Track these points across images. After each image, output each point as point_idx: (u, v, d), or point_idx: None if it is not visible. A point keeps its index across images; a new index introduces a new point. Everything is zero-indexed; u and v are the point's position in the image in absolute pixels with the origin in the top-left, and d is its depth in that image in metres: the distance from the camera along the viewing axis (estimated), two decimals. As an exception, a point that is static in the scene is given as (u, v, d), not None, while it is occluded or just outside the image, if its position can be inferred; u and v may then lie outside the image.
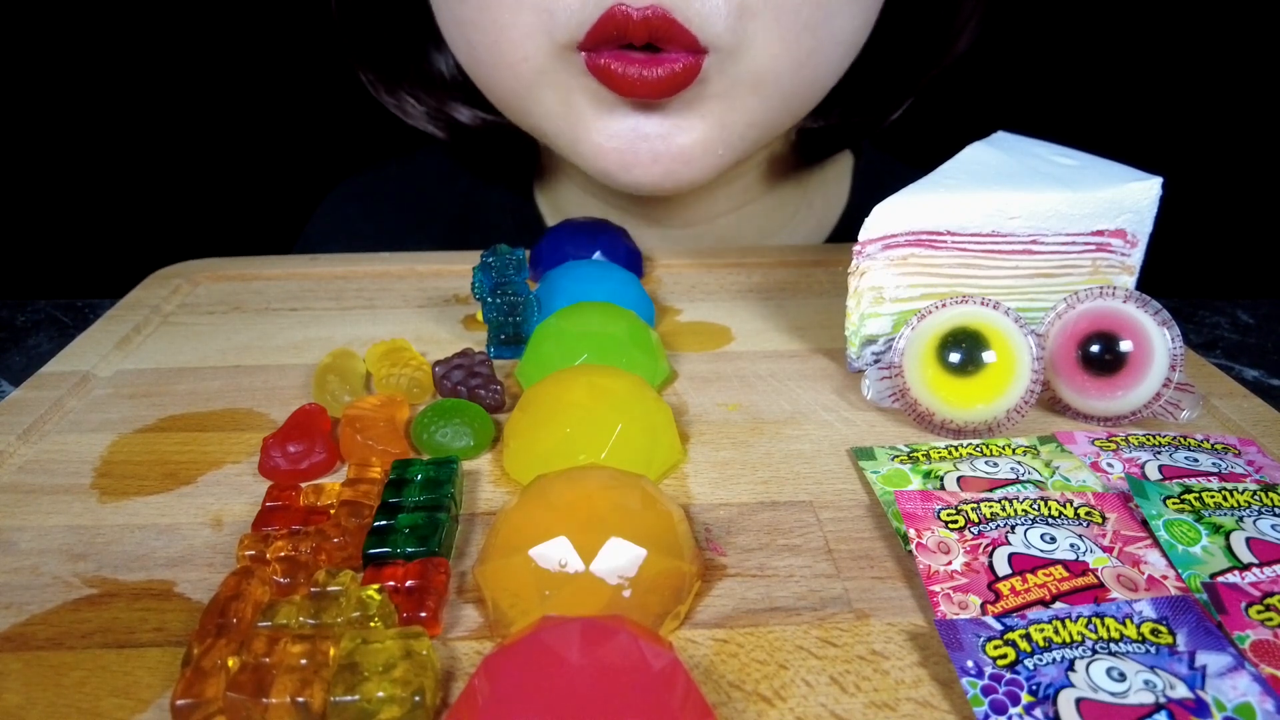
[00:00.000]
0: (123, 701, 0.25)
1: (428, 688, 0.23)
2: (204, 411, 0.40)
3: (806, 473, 0.35)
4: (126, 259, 0.59)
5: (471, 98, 0.58)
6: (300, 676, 0.24)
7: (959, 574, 0.28)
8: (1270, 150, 0.91)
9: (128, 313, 0.49)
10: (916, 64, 0.57)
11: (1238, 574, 0.28)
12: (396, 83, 0.58)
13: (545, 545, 0.26)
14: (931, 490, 0.32)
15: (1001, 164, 0.42)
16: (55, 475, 0.35)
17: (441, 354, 0.42)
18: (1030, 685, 0.24)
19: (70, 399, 0.41)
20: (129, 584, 0.29)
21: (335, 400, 0.39)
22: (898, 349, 0.38)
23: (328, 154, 0.85)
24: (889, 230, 0.39)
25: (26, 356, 0.56)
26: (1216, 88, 0.91)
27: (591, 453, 0.33)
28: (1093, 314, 0.38)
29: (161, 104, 0.95)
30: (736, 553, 0.30)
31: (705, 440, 0.37)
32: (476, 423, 0.36)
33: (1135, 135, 0.71)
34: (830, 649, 0.26)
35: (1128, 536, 0.30)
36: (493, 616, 0.27)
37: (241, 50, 0.92)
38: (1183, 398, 0.38)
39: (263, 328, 0.48)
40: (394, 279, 0.54)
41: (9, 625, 0.28)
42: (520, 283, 0.44)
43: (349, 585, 0.27)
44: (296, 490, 0.32)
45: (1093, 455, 0.35)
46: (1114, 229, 0.41)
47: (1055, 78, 0.90)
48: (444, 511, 0.31)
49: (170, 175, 0.97)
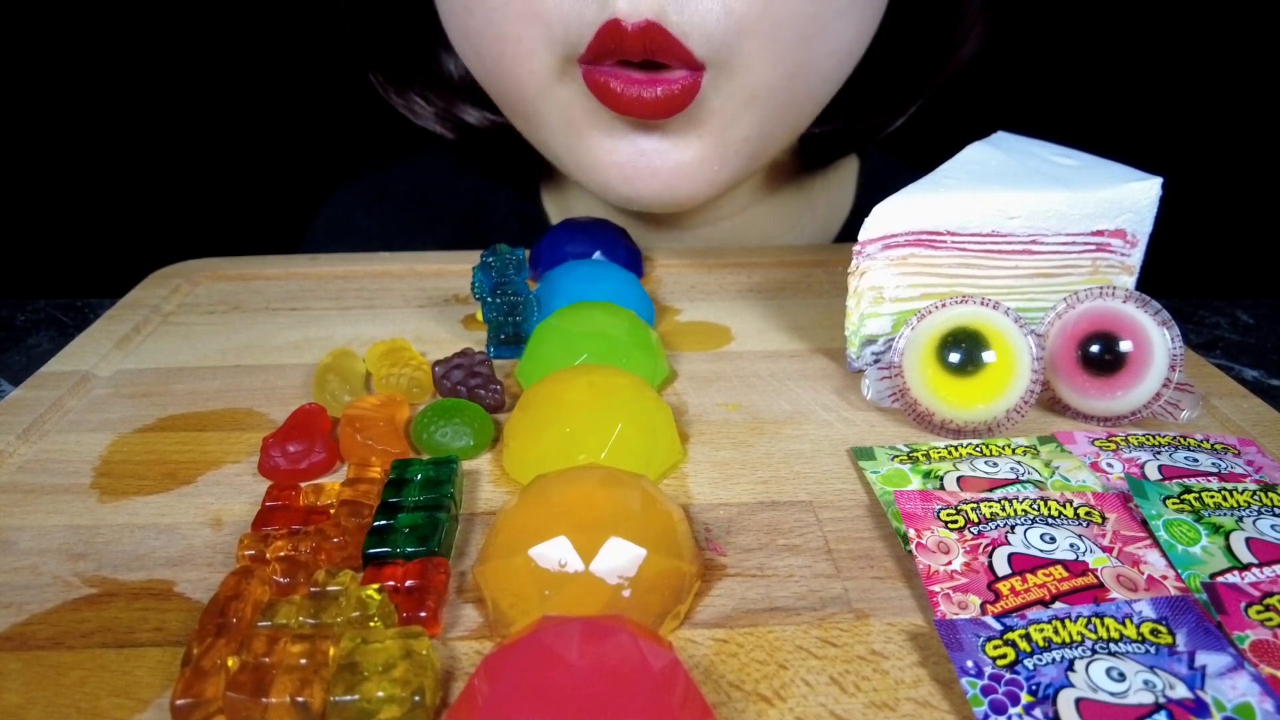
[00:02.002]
0: (122, 701, 0.25)
1: (427, 688, 0.23)
2: (204, 411, 0.40)
3: (806, 473, 0.35)
4: (126, 259, 0.59)
5: (479, 99, 0.58)
6: (300, 676, 0.24)
7: (959, 574, 0.28)
8: (1270, 150, 0.91)
9: (127, 312, 0.49)
10: (921, 70, 0.57)
11: (1237, 574, 0.28)
12: (405, 84, 0.58)
13: (545, 545, 0.26)
14: (931, 490, 0.32)
15: (1001, 164, 0.42)
16: (55, 475, 0.35)
17: (441, 354, 0.42)
18: (1030, 685, 0.24)
19: (70, 399, 0.41)
20: (129, 584, 0.29)
21: (335, 400, 0.39)
22: (898, 349, 0.38)
23: (329, 154, 0.85)
24: (889, 230, 0.39)
25: (26, 356, 0.56)
26: (1216, 88, 0.91)
27: (591, 453, 0.33)
28: (1093, 314, 0.38)
29: (162, 104, 0.95)
30: (736, 553, 0.30)
31: (705, 440, 0.37)
32: (476, 423, 0.36)
33: (1135, 135, 0.71)
34: (830, 649, 0.26)
35: (1127, 536, 0.30)
36: (492, 616, 0.27)
37: (242, 50, 0.92)
38: (1182, 398, 0.38)
39: (263, 328, 0.48)
40: (394, 279, 0.54)
41: (9, 625, 0.28)
42: (520, 282, 0.44)
43: (349, 585, 0.27)
44: (296, 490, 0.32)
45: (1092, 455, 0.35)
46: (1114, 229, 0.41)
47: (1055, 78, 0.90)
48: (444, 511, 0.31)
49: (170, 175, 0.97)
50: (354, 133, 0.81)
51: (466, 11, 0.47)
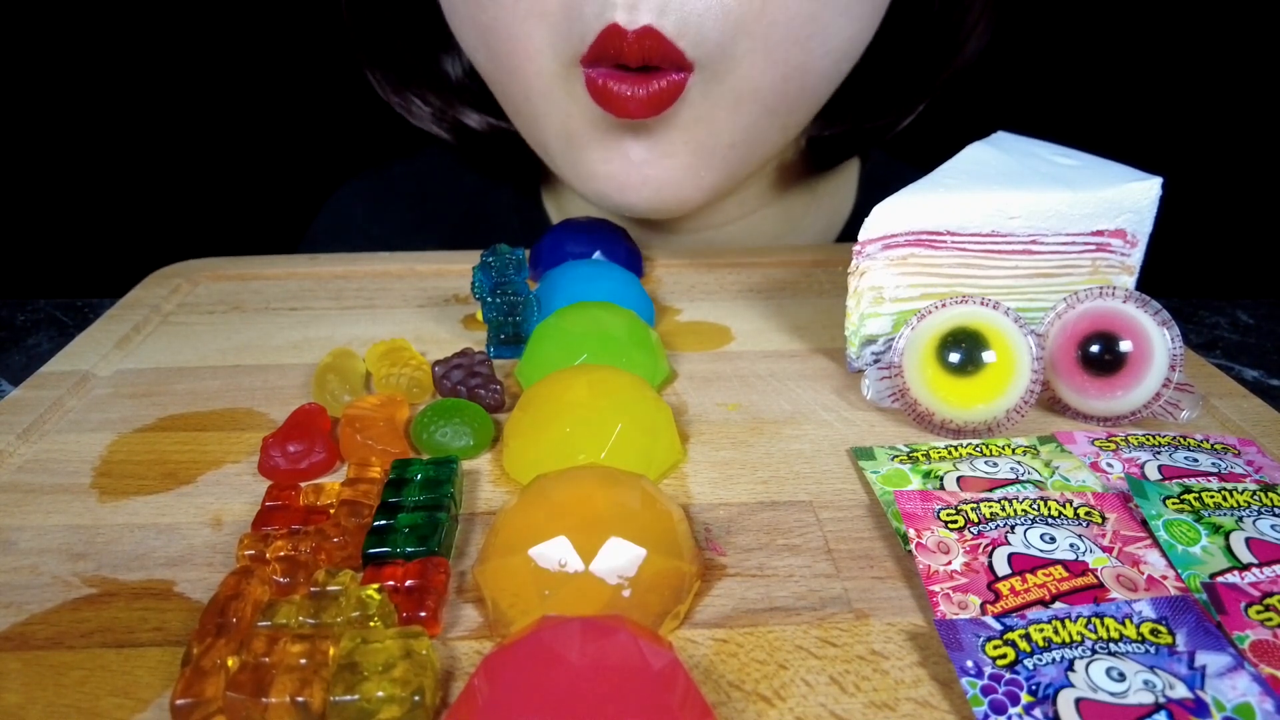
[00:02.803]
0: (122, 701, 0.25)
1: (427, 687, 0.23)
2: (204, 411, 0.40)
3: (806, 473, 0.35)
4: (126, 259, 0.59)
5: (479, 102, 0.58)
6: (300, 676, 0.24)
7: (959, 574, 0.28)
8: (1270, 150, 0.91)
9: (128, 312, 0.49)
10: (928, 67, 0.56)
11: (1237, 574, 0.28)
12: (405, 84, 0.58)
13: (545, 545, 0.26)
14: (931, 490, 0.32)
15: (1001, 164, 0.42)
16: (55, 475, 0.35)
17: (441, 354, 0.42)
18: (1030, 685, 0.24)
19: (70, 399, 0.41)
20: (129, 584, 0.29)
21: (335, 400, 0.39)
22: (897, 349, 0.38)
23: (329, 154, 0.85)
24: (889, 230, 0.39)
25: (26, 356, 0.56)
26: (1216, 88, 0.91)
27: (591, 452, 0.33)
28: (1092, 314, 0.38)
29: (162, 103, 0.95)
30: (736, 552, 0.30)
31: (705, 440, 0.37)
32: (476, 422, 0.36)
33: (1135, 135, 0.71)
34: (830, 649, 0.26)
35: (1127, 536, 0.30)
36: (492, 616, 0.27)
37: (242, 50, 0.92)
38: (1182, 398, 0.38)
39: (263, 327, 0.48)
40: (394, 279, 0.54)
41: (9, 625, 0.28)
42: (520, 282, 0.44)
43: (349, 585, 0.27)
44: (296, 490, 0.32)
45: (1092, 455, 0.35)
46: (1114, 229, 0.41)
47: (1055, 78, 0.90)
48: (444, 511, 0.31)
49: (170, 175, 0.97)
50: (355, 132, 0.81)
51: (478, 7, 0.47)
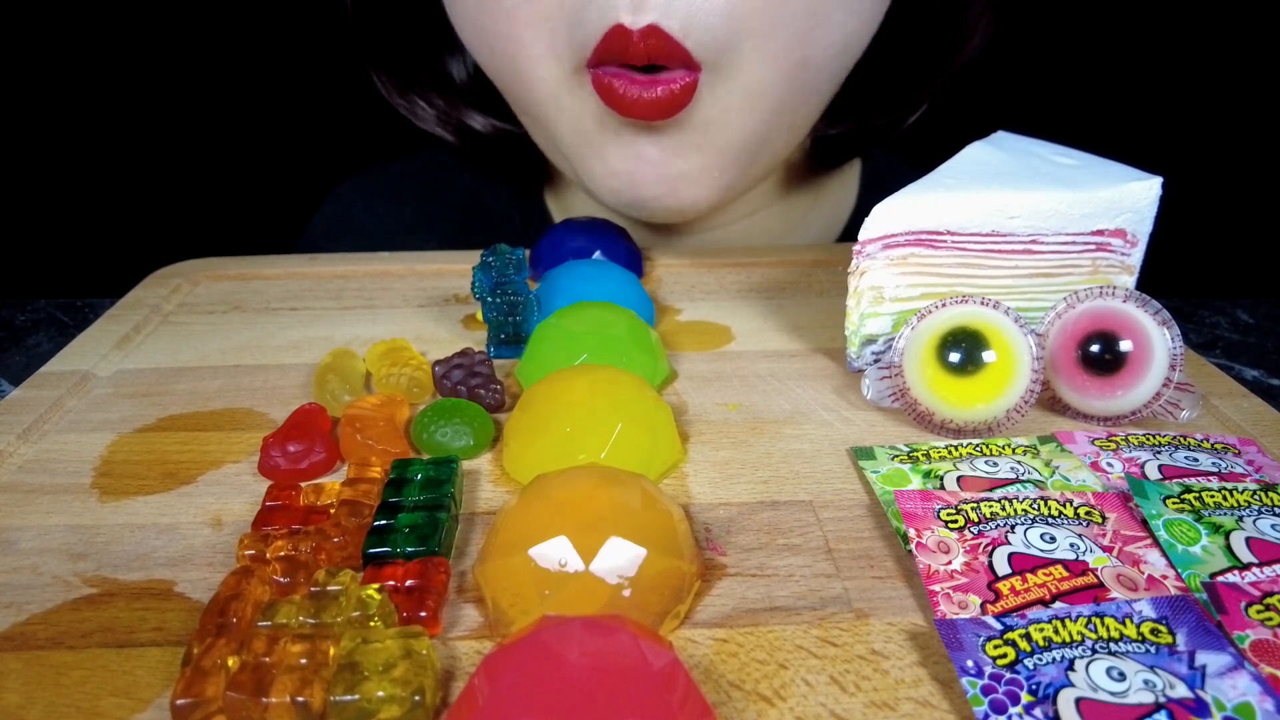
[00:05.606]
0: (123, 701, 0.25)
1: (427, 687, 0.23)
2: (204, 411, 0.40)
3: (806, 472, 0.35)
4: (126, 259, 0.59)
5: (484, 104, 0.58)
6: (300, 676, 0.24)
7: (959, 574, 0.28)
8: (1270, 150, 0.91)
9: (128, 312, 0.49)
10: (931, 63, 0.56)
11: (1237, 574, 0.28)
12: (409, 86, 0.58)
13: (545, 545, 0.26)
14: (931, 490, 0.32)
15: (1001, 164, 0.42)
16: (55, 475, 0.35)
17: (441, 354, 0.42)
18: (1030, 685, 0.24)
19: (70, 399, 0.41)
20: (129, 584, 0.29)
21: (335, 400, 0.39)
22: (897, 349, 0.38)
23: (329, 153, 0.85)
24: (889, 230, 0.39)
25: (26, 356, 0.56)
26: (1216, 88, 0.91)
27: (591, 452, 0.33)
28: (1092, 314, 0.38)
29: (162, 103, 0.95)
30: (736, 552, 0.30)
31: (705, 440, 0.37)
32: (476, 422, 0.36)
33: (1135, 135, 0.71)
34: (830, 649, 0.26)
35: (1128, 536, 0.30)
36: (493, 616, 0.27)
37: (243, 49, 0.92)
38: (1182, 397, 0.38)
39: (263, 327, 0.48)
40: (394, 279, 0.54)
41: (9, 625, 0.28)
42: (520, 282, 0.44)
43: (349, 585, 0.27)
44: (296, 490, 0.32)
45: (1092, 455, 0.35)
46: (1114, 229, 0.41)
47: (1055, 78, 0.90)
48: (444, 511, 0.31)
49: (170, 175, 0.97)
50: (356, 132, 0.81)
51: (479, 9, 0.47)
